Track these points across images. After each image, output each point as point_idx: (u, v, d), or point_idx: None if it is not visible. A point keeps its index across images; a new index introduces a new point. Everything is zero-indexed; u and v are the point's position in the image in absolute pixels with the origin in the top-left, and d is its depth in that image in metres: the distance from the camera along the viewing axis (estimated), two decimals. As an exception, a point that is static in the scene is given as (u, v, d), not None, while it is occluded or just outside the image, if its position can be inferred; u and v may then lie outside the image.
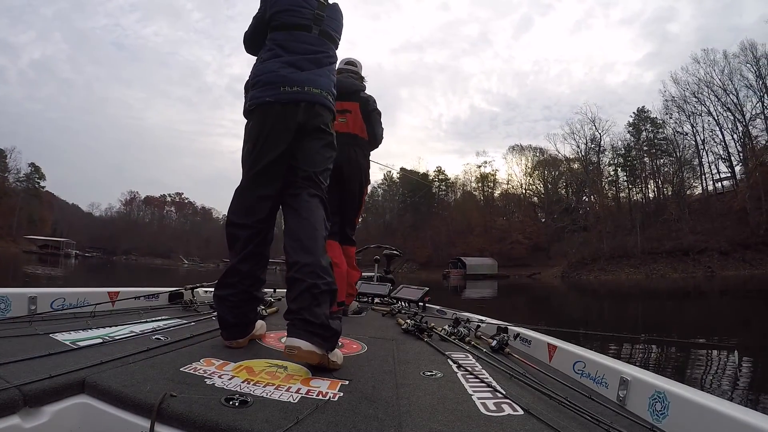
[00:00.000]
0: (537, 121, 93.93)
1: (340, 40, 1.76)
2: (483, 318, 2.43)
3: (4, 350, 1.15)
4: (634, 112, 47.48)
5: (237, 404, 0.94)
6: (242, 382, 1.11)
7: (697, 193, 42.42)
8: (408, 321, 2.17)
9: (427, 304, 3.22)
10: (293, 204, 1.53)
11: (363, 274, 2.81)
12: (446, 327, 2.08)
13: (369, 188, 2.80)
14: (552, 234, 49.52)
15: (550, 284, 32.30)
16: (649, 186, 46.03)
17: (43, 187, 68.88)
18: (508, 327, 2.07)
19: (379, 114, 2.69)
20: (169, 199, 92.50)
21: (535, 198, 58.13)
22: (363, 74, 2.83)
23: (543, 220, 55.03)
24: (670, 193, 43.20)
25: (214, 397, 0.97)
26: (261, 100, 1.52)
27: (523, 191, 58.63)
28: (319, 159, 1.59)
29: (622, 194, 47.77)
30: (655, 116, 45.26)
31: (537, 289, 25.96)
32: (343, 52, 2.70)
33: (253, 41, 1.71)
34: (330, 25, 1.68)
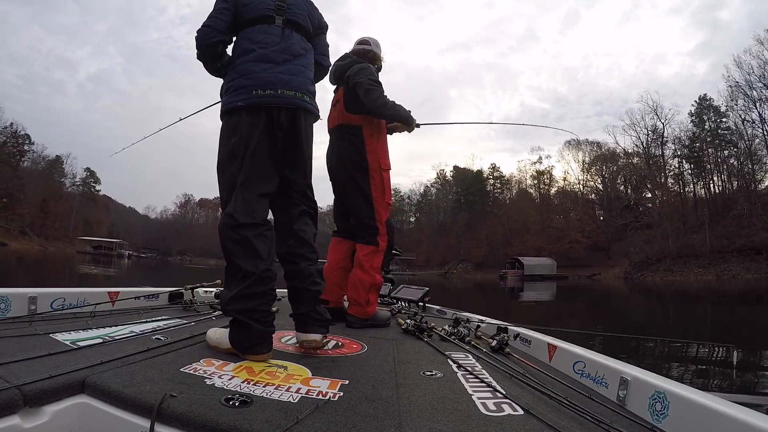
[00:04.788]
0: (589, 117, 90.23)
1: (313, 29, 1.71)
2: (483, 318, 2.43)
3: (4, 350, 1.15)
4: (695, 101, 44.33)
5: (237, 404, 0.95)
6: (242, 382, 1.11)
7: (766, 185, 38.63)
8: (408, 321, 2.17)
9: (427, 304, 3.22)
10: (289, 220, 1.60)
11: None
12: (446, 327, 2.09)
13: (386, 175, 2.35)
14: (612, 233, 46.62)
15: (612, 285, 29.64)
16: (713, 179, 42.68)
17: (99, 191, 70.96)
18: (508, 327, 2.07)
19: (368, 80, 2.23)
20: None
21: (593, 195, 55.33)
22: (382, 54, 2.51)
23: (602, 218, 52.29)
24: (735, 187, 39.84)
25: (214, 397, 0.97)
26: (232, 105, 1.50)
27: (581, 188, 56.08)
28: (309, 168, 1.65)
29: (687, 188, 44.70)
30: (717, 104, 41.84)
31: (598, 290, 23.86)
32: (389, 55, 2.59)
33: (219, 52, 1.59)
34: (295, 13, 1.63)
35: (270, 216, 1.59)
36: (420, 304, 3.18)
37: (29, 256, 30.41)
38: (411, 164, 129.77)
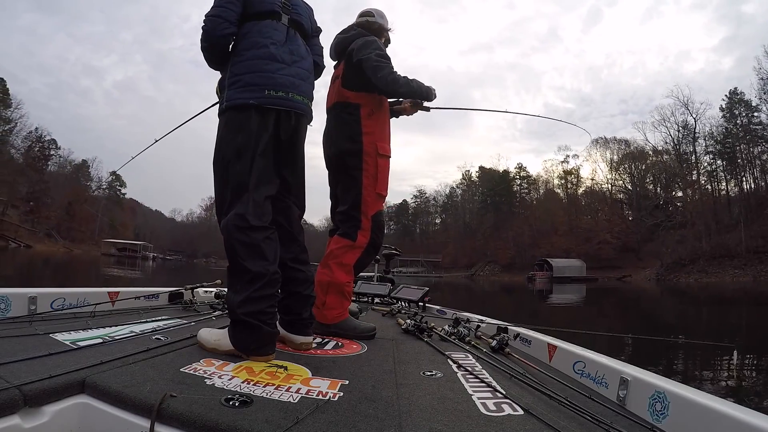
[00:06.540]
0: (614, 116, 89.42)
1: (311, 32, 1.72)
2: (483, 318, 2.43)
3: (4, 350, 1.15)
4: (726, 95, 42.77)
5: (237, 404, 0.95)
6: (242, 382, 1.11)
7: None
8: (408, 321, 2.17)
9: (427, 304, 3.22)
10: (289, 224, 1.63)
11: (362, 273, 2.59)
12: (446, 327, 2.08)
13: (383, 162, 2.10)
14: (643, 233, 45.57)
15: (643, 288, 28.66)
16: (746, 177, 41.30)
17: (125, 194, 71.89)
18: (508, 327, 2.07)
19: (375, 56, 2.00)
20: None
21: (621, 194, 54.03)
22: (389, 26, 2.28)
23: (631, 218, 51.08)
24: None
25: (214, 397, 0.97)
26: (243, 102, 1.46)
27: (609, 187, 54.81)
28: (304, 172, 1.70)
29: (720, 186, 43.41)
30: (749, 98, 40.48)
31: (630, 293, 22.98)
32: (411, 57, 2.48)
33: (228, 45, 1.54)
34: (299, 14, 1.63)
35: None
36: (420, 304, 3.18)
37: (54, 258, 30.45)
38: (436, 166, 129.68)
